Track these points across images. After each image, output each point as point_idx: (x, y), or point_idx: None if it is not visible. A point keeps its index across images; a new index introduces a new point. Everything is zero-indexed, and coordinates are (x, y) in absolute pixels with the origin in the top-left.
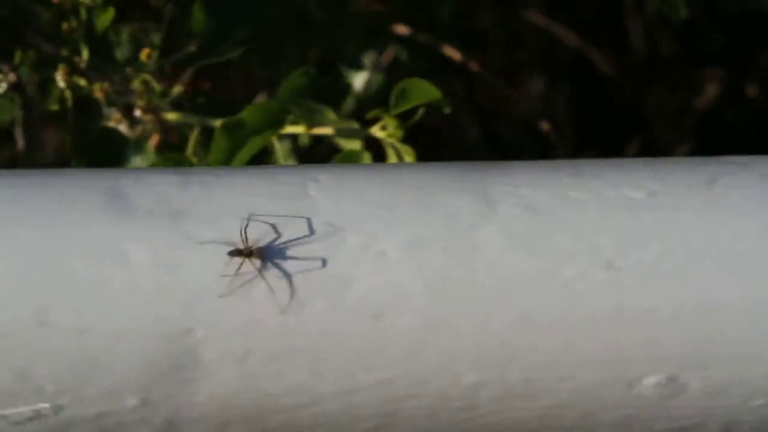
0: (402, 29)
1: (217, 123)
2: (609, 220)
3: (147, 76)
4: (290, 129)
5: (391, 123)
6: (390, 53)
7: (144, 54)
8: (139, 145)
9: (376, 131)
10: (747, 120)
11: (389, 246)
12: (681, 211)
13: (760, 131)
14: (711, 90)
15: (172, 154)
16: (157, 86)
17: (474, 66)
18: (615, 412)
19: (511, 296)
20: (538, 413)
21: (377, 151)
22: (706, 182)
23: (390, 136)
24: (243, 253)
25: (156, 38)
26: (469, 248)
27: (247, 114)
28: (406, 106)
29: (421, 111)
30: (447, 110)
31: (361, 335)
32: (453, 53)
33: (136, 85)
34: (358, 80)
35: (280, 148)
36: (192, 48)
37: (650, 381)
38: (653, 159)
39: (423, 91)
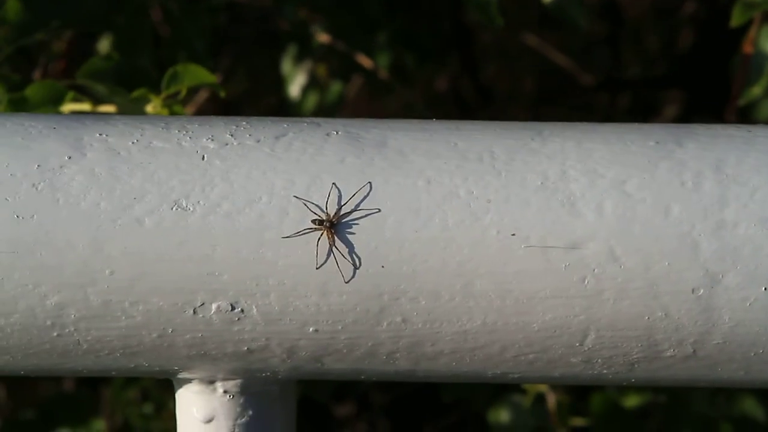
0: (323, 37)
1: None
2: (181, 166)
3: None
4: (72, 106)
5: (156, 102)
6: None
7: None
8: None
9: (149, 108)
10: None
11: None
12: (246, 160)
13: None
14: (669, 111)
15: None
16: None
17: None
18: (187, 333)
19: (88, 228)
20: (118, 333)
21: None
22: (275, 137)
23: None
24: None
25: None
26: (53, 186)
27: (30, 91)
28: (177, 88)
29: (183, 91)
30: (222, 93)
31: None
32: (365, 61)
33: None
34: None
35: None
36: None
37: (213, 307)
38: (253, 117)
39: (195, 74)
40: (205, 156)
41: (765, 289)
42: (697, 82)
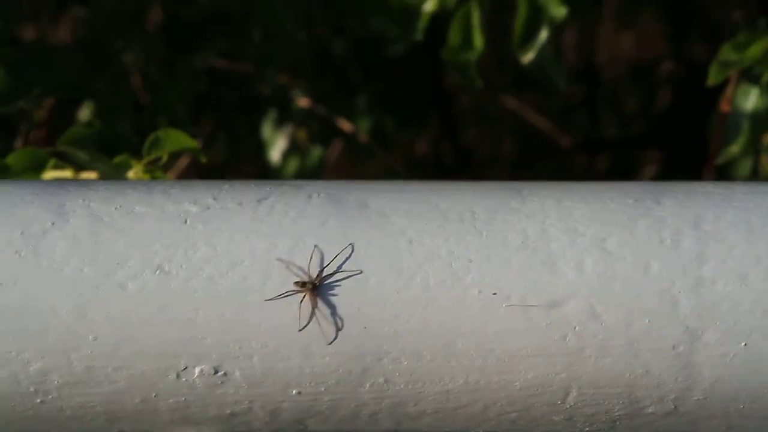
0: (303, 101)
1: None
2: (164, 230)
3: None
4: (54, 173)
5: (138, 168)
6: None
7: None
8: None
9: (131, 174)
10: None
11: None
12: (228, 223)
13: None
14: (648, 171)
15: None
16: None
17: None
18: (170, 398)
19: (71, 294)
20: (102, 398)
21: None
22: (257, 200)
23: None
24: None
25: None
26: (36, 252)
27: (11, 158)
28: (158, 153)
29: (164, 156)
30: (203, 159)
31: None
32: (345, 125)
33: None
34: None
35: None
36: None
37: (196, 371)
38: (251, 180)
39: (176, 140)
40: (188, 220)
41: (744, 344)
42: (674, 142)
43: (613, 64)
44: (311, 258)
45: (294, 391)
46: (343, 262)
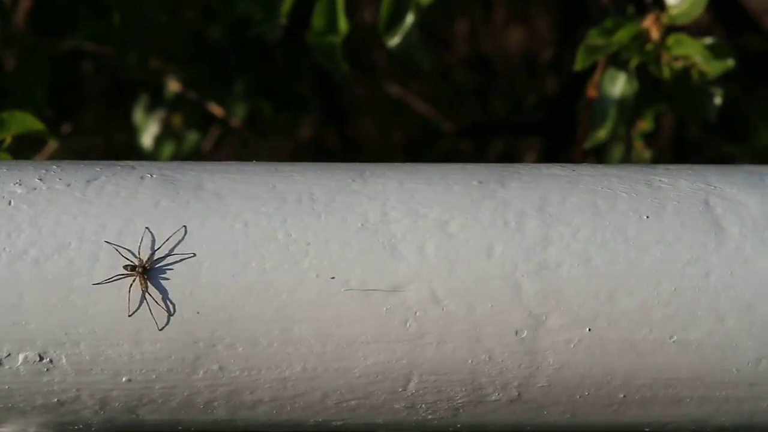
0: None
1: None
2: None
3: None
4: None
5: None
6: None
7: None
8: None
9: None
10: None
11: None
12: (55, 204)
13: None
14: (529, 157)
15: None
16: None
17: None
18: None
19: None
20: None
21: None
22: (86, 181)
23: None
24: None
25: None
26: None
27: None
28: (2, 135)
29: (8, 139)
30: (52, 140)
31: None
32: (216, 109)
33: None
34: None
35: None
36: None
37: (20, 358)
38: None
39: (21, 122)
40: (12, 201)
41: (589, 330)
42: (555, 129)
43: (506, 55)
44: (142, 240)
45: (124, 379)
46: (176, 245)
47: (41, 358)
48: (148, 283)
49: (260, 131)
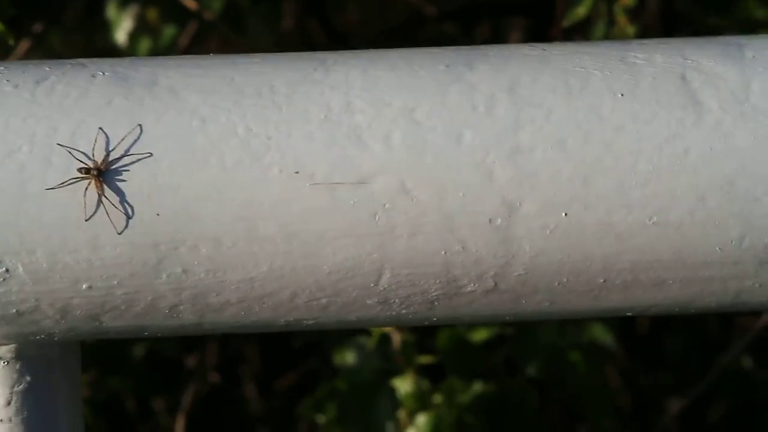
0: None
1: None
2: None
3: None
4: None
5: None
6: None
7: None
8: None
9: None
10: None
11: None
12: (3, 107)
13: None
14: (515, 36)
15: None
16: None
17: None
18: None
19: None
20: None
21: None
22: (35, 81)
23: None
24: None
25: None
26: None
27: None
28: None
29: None
30: (10, 41)
31: None
32: (189, 2)
33: None
34: None
35: None
36: None
37: None
38: None
39: None
40: None
41: (565, 214)
42: (539, 8)
43: None
44: (95, 142)
45: (84, 286)
46: (131, 145)
47: None
48: (104, 186)
49: (238, 25)
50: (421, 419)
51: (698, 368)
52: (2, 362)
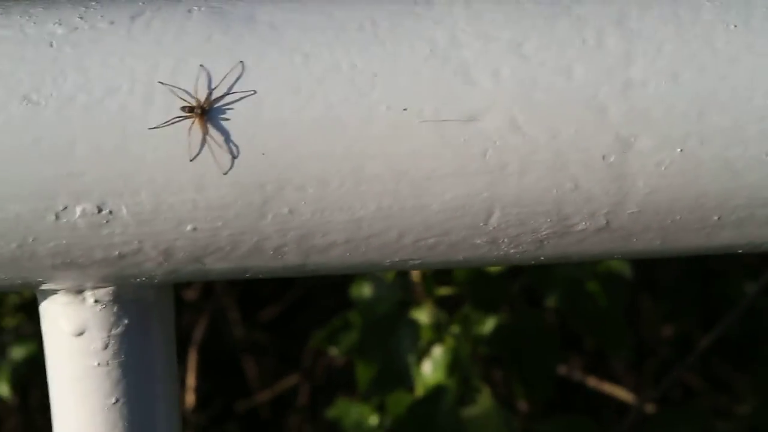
0: None
1: None
2: (27, 56)
3: None
4: None
5: None
6: None
7: None
8: None
9: None
10: None
11: None
12: (100, 45)
13: None
14: None
15: None
16: None
17: None
18: (50, 242)
19: None
20: None
21: None
22: (130, 17)
23: None
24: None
25: None
26: None
27: None
28: None
29: None
30: None
31: None
32: None
33: None
34: None
35: None
36: None
37: (77, 210)
38: None
39: None
40: (54, 43)
41: (681, 150)
42: None
43: None
44: (197, 79)
45: (189, 227)
46: (234, 83)
47: (100, 210)
48: (208, 125)
49: None
50: (437, 351)
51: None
52: (100, 305)
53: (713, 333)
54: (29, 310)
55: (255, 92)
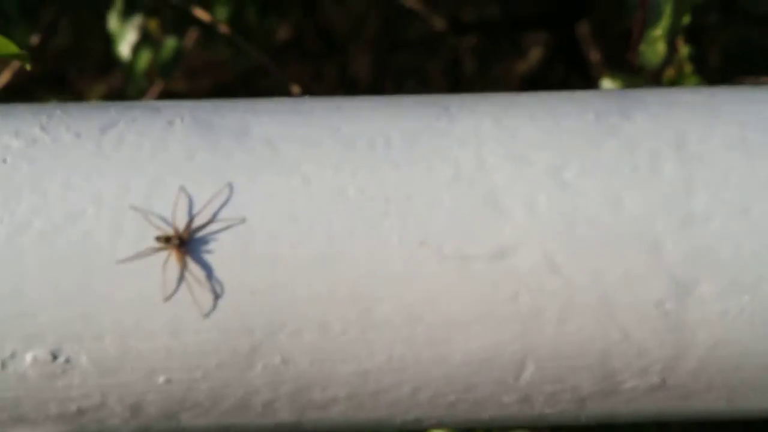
0: None
1: None
2: None
3: None
4: None
5: None
6: None
7: None
8: None
9: None
10: (571, 82)
11: None
12: (63, 161)
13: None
14: (534, 54)
15: None
16: None
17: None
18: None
19: None
20: None
21: None
22: (100, 129)
23: None
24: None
25: None
26: None
27: None
28: None
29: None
30: (28, 66)
31: None
32: (202, 14)
33: None
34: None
35: None
36: None
37: (28, 358)
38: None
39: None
40: (8, 158)
41: (749, 298)
42: (561, 22)
43: None
44: (176, 204)
45: (161, 379)
46: (219, 209)
47: (55, 357)
48: (187, 258)
49: (244, 34)
50: None
51: None
52: None
53: None
54: None
55: (244, 220)
